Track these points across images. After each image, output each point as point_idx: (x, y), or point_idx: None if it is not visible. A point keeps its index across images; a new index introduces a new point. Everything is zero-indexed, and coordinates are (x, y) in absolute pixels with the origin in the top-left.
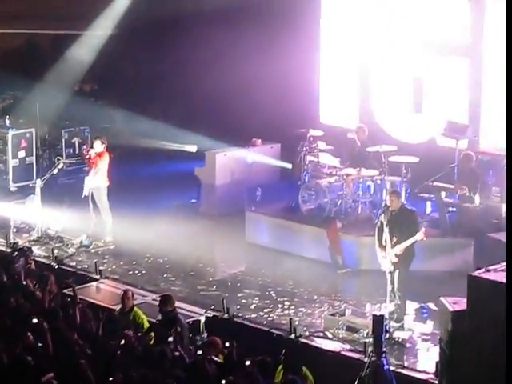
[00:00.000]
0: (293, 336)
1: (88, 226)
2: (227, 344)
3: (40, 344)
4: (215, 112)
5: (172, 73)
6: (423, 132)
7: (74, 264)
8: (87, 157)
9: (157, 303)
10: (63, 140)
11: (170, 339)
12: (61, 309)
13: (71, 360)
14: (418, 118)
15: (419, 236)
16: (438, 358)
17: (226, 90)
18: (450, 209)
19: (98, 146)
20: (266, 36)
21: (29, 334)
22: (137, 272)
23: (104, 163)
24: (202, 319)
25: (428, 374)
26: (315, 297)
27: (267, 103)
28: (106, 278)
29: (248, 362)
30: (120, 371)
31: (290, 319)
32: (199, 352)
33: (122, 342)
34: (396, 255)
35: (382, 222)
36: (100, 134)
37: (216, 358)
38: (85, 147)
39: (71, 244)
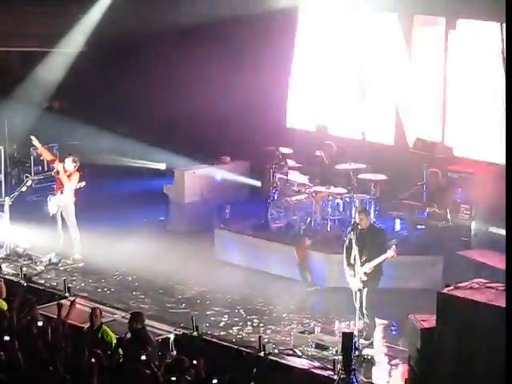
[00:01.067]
0: (262, 354)
1: (57, 244)
2: (195, 362)
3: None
4: (184, 129)
5: (141, 90)
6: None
7: (42, 282)
8: (54, 171)
9: (126, 321)
10: (32, 157)
11: (143, 357)
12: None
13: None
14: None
15: (390, 253)
16: (407, 376)
17: (195, 108)
18: (419, 226)
19: (69, 164)
20: (234, 55)
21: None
22: (106, 290)
23: (74, 182)
24: (172, 337)
25: None
26: (284, 314)
27: (236, 121)
28: (75, 295)
29: (215, 381)
30: None
31: (259, 337)
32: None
33: (92, 359)
34: (365, 273)
35: (350, 240)
36: (71, 152)
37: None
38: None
39: (40, 261)
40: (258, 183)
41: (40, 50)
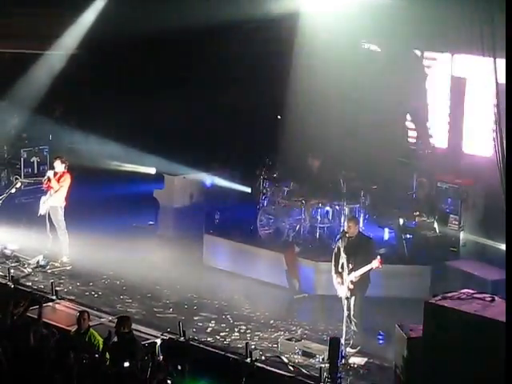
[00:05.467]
0: (249, 360)
1: (45, 246)
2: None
3: None
4: (177, 135)
5: (135, 95)
6: None
7: (30, 284)
8: (45, 178)
9: (113, 325)
10: (22, 159)
11: (126, 364)
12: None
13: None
14: None
15: (375, 264)
16: None
17: (189, 113)
18: (408, 236)
19: (59, 166)
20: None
21: None
22: (93, 293)
23: (65, 183)
24: (158, 342)
25: None
26: (271, 321)
27: (228, 127)
28: (62, 298)
29: None
30: None
31: (246, 343)
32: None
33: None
34: (352, 282)
35: (339, 248)
36: (60, 154)
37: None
38: (45, 178)
39: (28, 264)
40: (248, 189)
41: (32, 52)
